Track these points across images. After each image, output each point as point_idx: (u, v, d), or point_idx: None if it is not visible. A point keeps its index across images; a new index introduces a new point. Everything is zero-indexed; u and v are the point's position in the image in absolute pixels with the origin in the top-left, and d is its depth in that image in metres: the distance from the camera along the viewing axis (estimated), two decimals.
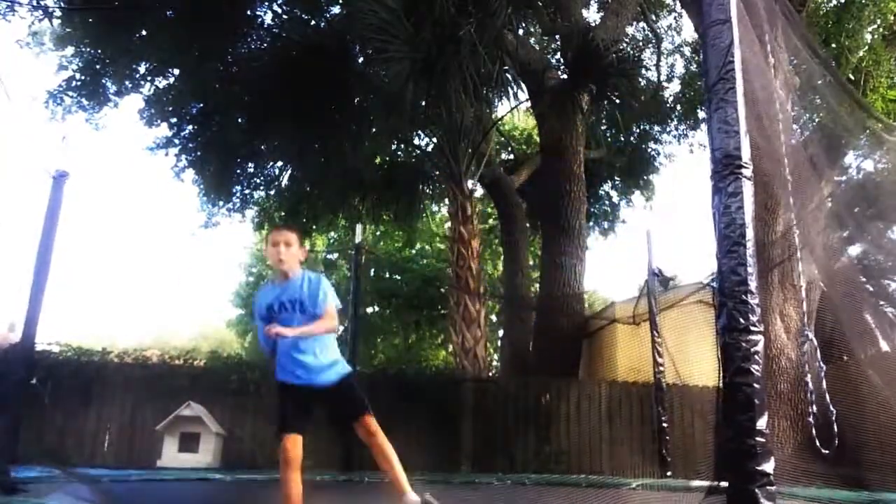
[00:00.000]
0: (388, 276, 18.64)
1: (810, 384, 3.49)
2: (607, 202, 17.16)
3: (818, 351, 3.57)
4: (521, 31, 12.41)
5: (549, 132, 11.25)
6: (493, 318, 17.11)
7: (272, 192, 13.86)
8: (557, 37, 13.59)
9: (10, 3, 10.17)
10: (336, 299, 3.39)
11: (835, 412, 3.38)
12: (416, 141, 13.29)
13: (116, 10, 10.30)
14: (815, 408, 3.41)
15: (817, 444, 3.40)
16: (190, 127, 12.53)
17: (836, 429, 3.34)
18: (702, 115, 14.53)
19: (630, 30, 14.80)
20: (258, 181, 13.79)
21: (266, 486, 5.62)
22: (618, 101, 10.47)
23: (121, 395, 7.98)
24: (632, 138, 15.78)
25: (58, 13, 10.90)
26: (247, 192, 13.80)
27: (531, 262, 15.02)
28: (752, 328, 2.15)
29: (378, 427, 3.44)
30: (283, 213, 13.78)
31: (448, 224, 13.33)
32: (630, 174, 16.35)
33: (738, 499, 2.04)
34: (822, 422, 3.37)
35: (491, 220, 17.99)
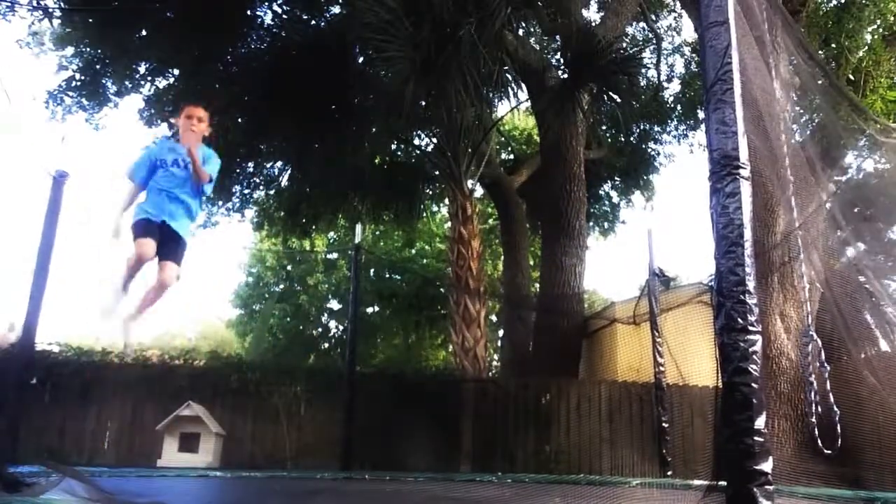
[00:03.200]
0: (388, 276, 18.65)
1: (814, 384, 3.49)
2: (607, 202, 17.18)
3: (822, 352, 3.57)
4: (521, 31, 12.42)
5: (549, 132, 11.25)
6: (493, 318, 17.12)
7: (272, 192, 13.87)
8: (557, 37, 13.59)
9: (10, 3, 10.18)
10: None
11: (838, 412, 3.39)
12: (416, 141, 13.30)
13: (116, 10, 10.29)
14: (818, 408, 3.42)
15: (819, 444, 3.40)
16: None
17: (839, 429, 3.35)
18: (701, 115, 14.53)
19: (630, 30, 14.83)
20: (258, 181, 13.80)
21: (265, 486, 5.63)
22: (618, 100, 10.47)
23: (121, 395, 7.99)
24: (632, 138, 15.78)
25: (58, 13, 10.91)
26: (246, 191, 13.81)
27: (531, 262, 15.03)
28: (751, 328, 2.16)
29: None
30: (282, 213, 13.79)
31: (448, 224, 13.35)
32: (630, 174, 16.36)
33: (737, 498, 2.05)
34: (825, 422, 3.37)
35: (491, 220, 18.01)
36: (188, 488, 5.13)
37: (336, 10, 12.27)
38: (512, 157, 16.89)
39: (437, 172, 11.94)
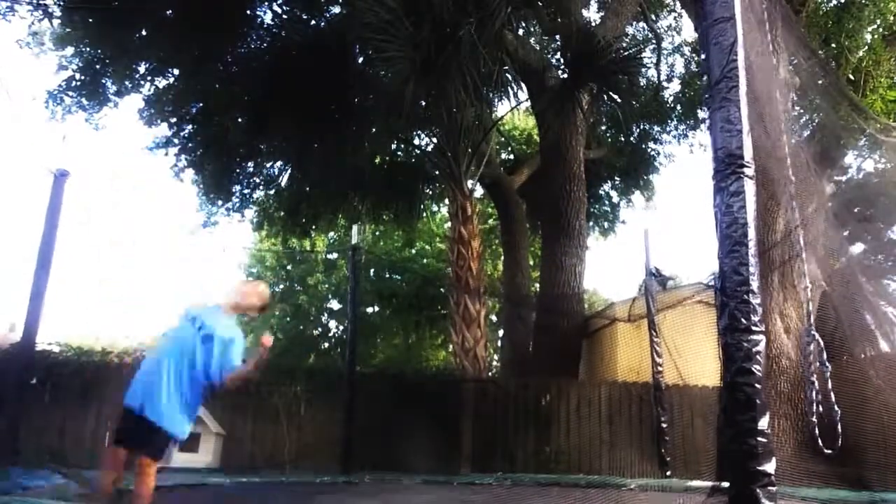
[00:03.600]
0: (387, 276, 18.63)
1: (816, 384, 3.48)
2: (607, 202, 17.17)
3: (823, 352, 3.56)
4: (521, 31, 12.41)
5: (549, 132, 11.24)
6: (493, 318, 17.10)
7: (272, 192, 13.85)
8: (557, 37, 13.58)
9: (10, 3, 10.16)
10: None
11: (839, 412, 3.37)
12: (416, 141, 13.28)
13: (116, 9, 10.28)
14: (819, 408, 3.40)
15: (820, 444, 3.39)
16: (190, 127, 12.52)
17: (840, 429, 3.33)
18: (702, 114, 14.53)
19: (630, 29, 14.81)
20: (258, 181, 13.78)
21: (264, 485, 5.62)
22: (618, 100, 10.46)
23: (121, 396, 7.94)
24: (632, 138, 15.76)
25: (58, 13, 10.89)
26: (246, 191, 13.78)
27: (531, 262, 15.01)
28: (754, 328, 2.14)
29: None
30: (282, 213, 13.77)
31: (448, 224, 13.32)
32: (630, 174, 16.35)
33: (740, 499, 2.04)
34: (826, 422, 3.36)
35: (491, 220, 17.99)
36: (188, 488, 5.12)
37: (336, 10, 12.25)
38: (512, 157, 16.87)
39: (437, 172, 11.92)
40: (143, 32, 10.97)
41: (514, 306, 12.78)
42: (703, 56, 2.80)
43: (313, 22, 11.98)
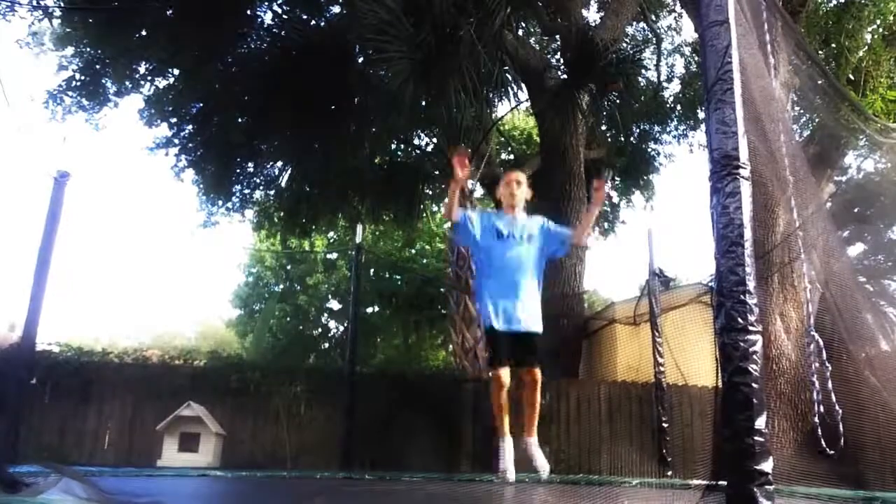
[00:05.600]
0: (388, 276, 18.64)
1: (816, 384, 3.49)
2: (607, 202, 17.16)
3: (823, 352, 3.57)
4: (520, 31, 12.42)
5: (549, 132, 11.25)
6: None
7: (272, 192, 13.86)
8: (557, 37, 13.59)
9: (10, 3, 10.18)
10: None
11: (840, 412, 3.38)
12: (416, 141, 13.29)
13: (116, 10, 10.30)
14: (820, 408, 3.41)
15: (822, 444, 3.40)
16: (190, 127, 12.53)
17: (841, 429, 3.34)
18: (701, 115, 14.53)
19: (630, 30, 14.82)
20: (258, 181, 13.79)
21: (264, 485, 5.63)
22: (617, 100, 10.47)
23: (121, 395, 7.99)
24: (632, 138, 15.77)
25: (58, 13, 10.91)
26: (246, 191, 13.79)
27: None
28: (751, 328, 2.15)
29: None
30: (282, 213, 13.79)
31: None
32: (630, 174, 16.35)
33: (737, 498, 2.05)
34: (827, 422, 3.37)
35: None
36: (188, 488, 5.13)
37: (336, 10, 12.27)
38: (512, 157, 16.88)
39: (437, 172, 11.94)
40: (143, 32, 10.98)
41: None
42: (701, 57, 2.82)
43: (313, 22, 12.00)
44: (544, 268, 3.89)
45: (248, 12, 11.42)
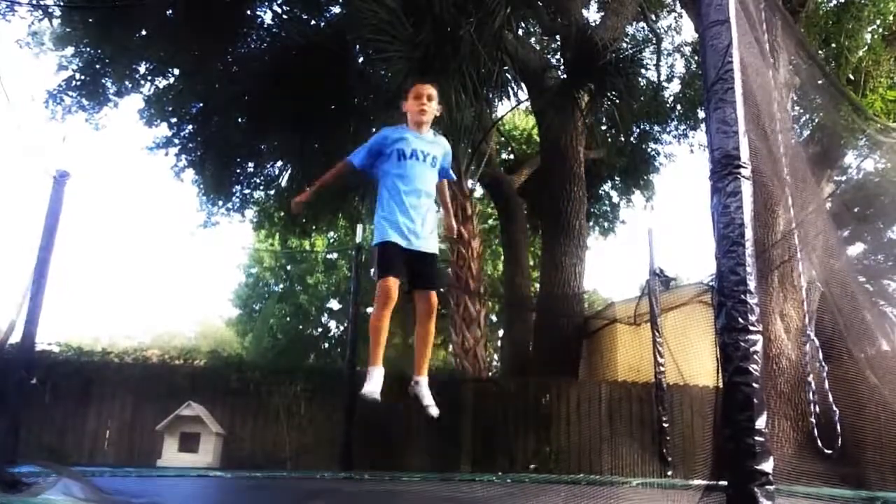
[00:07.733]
0: None
1: (813, 384, 3.49)
2: (607, 202, 17.17)
3: (820, 351, 3.57)
4: (520, 31, 12.41)
5: (549, 132, 11.25)
6: (493, 318, 17.11)
7: (272, 192, 13.86)
8: (557, 37, 13.59)
9: (10, 3, 10.18)
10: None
11: (837, 412, 3.38)
12: None
13: (116, 10, 10.29)
14: (817, 408, 3.41)
15: (819, 444, 3.40)
16: (190, 127, 12.54)
17: (839, 429, 3.34)
18: (702, 115, 14.53)
19: (630, 29, 14.81)
20: (258, 181, 13.79)
21: (265, 485, 5.63)
22: (617, 100, 10.46)
23: (121, 395, 7.99)
24: (632, 138, 15.77)
25: (58, 13, 10.90)
26: (246, 191, 13.80)
27: (531, 262, 15.02)
28: (751, 328, 2.15)
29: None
30: (282, 213, 13.78)
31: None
32: (630, 174, 16.35)
33: (737, 498, 2.04)
34: (824, 422, 3.37)
35: (491, 220, 17.99)
36: (188, 488, 5.13)
37: (336, 10, 12.27)
38: (512, 157, 16.88)
39: None
40: (143, 32, 10.98)
41: (513, 307, 12.79)
42: (701, 57, 2.82)
43: (313, 22, 12.00)
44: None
45: (248, 12, 11.42)
